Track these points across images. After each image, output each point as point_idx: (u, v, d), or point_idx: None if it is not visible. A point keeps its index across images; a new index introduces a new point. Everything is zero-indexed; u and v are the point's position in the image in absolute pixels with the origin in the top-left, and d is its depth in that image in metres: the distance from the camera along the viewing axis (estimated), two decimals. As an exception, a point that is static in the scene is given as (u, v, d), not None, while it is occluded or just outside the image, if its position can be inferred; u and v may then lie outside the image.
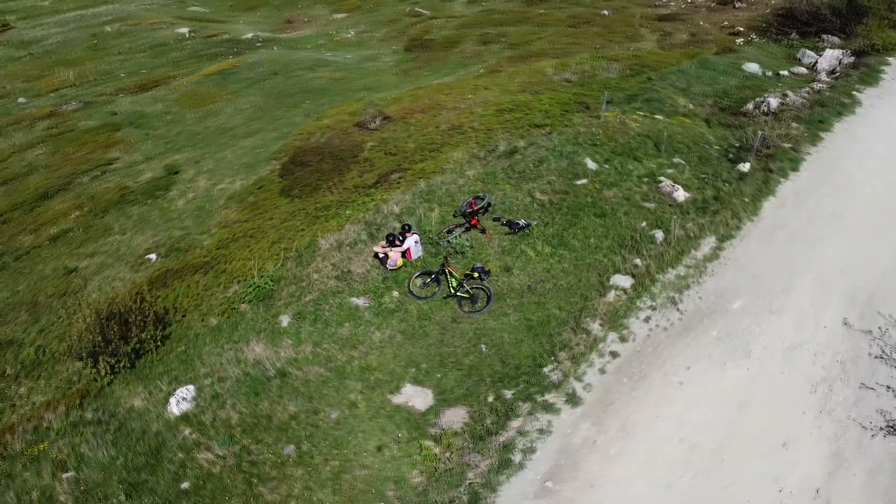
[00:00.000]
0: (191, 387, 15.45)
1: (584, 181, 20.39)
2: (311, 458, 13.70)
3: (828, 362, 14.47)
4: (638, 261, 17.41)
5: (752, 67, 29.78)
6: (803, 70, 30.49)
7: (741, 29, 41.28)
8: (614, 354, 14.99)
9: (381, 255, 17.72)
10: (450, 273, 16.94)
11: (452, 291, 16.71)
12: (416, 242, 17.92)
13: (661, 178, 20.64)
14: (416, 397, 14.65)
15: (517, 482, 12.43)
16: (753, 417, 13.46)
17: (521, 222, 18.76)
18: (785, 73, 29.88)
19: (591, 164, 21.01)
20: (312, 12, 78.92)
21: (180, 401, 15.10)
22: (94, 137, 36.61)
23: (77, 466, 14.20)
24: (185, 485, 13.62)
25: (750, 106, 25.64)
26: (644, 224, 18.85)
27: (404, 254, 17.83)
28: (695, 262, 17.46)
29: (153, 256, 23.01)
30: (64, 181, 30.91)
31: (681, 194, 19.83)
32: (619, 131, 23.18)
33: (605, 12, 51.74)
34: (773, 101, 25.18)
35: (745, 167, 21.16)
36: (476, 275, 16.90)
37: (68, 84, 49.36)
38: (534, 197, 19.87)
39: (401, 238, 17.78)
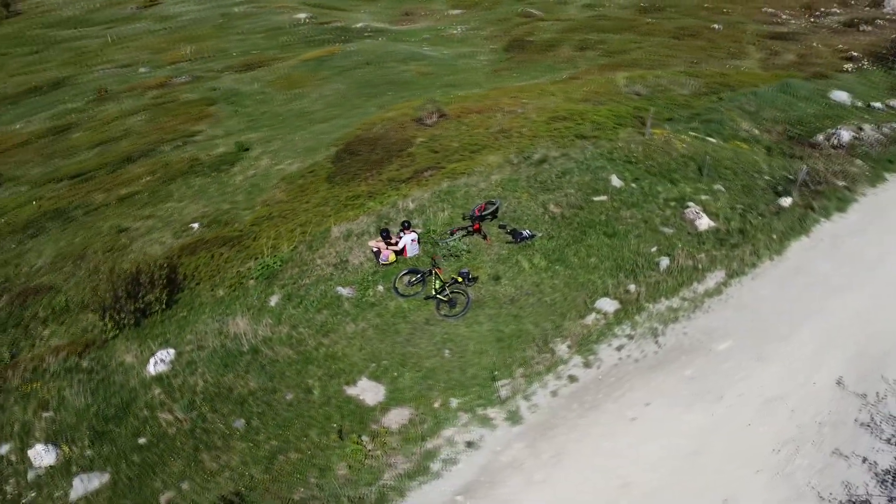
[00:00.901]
0: (172, 350, 16.39)
1: (602, 198, 19.70)
2: (256, 434, 14.18)
3: (805, 421, 13.31)
4: (633, 286, 16.67)
5: (840, 96, 27.47)
6: (903, 104, 27.82)
7: (856, 54, 38.13)
8: (573, 379, 14.47)
9: (374, 250, 17.97)
10: (436, 275, 16.93)
11: (434, 293, 16.70)
12: (412, 241, 18.03)
13: (690, 204, 19.58)
14: (368, 392, 14.81)
15: (428, 490, 12.34)
16: (702, 467, 12.63)
17: (525, 233, 18.42)
18: (878, 105, 27.35)
19: (616, 182, 20.25)
20: (432, 6, 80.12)
21: (158, 362, 16.06)
22: (189, 110, 39.17)
23: (56, 408, 15.46)
24: (142, 440, 14.50)
25: (820, 137, 23.72)
26: (654, 249, 17.99)
27: (401, 252, 17.98)
28: (693, 295, 16.49)
29: (196, 226, 24.44)
30: (149, 148, 33.32)
31: (704, 222, 18.74)
32: (662, 150, 22.16)
33: (716, 26, 49.25)
34: (846, 134, 23.18)
35: (785, 202, 19.67)
36: (461, 279, 16.81)
37: (186, 59, 52.99)
38: (547, 208, 19.43)
39: (400, 235, 17.95)
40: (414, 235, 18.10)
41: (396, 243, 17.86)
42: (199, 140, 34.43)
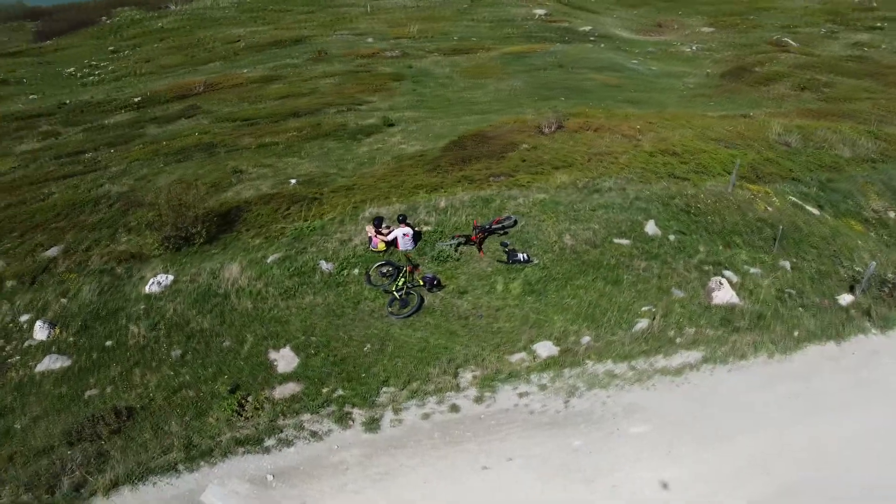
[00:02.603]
0: (170, 277, 18.59)
1: (624, 241, 18.03)
2: (182, 366, 15.69)
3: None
4: (587, 339, 15.28)
5: None
6: None
7: None
8: (454, 408, 13.85)
9: (369, 235, 18.49)
10: (407, 272, 17.04)
11: (394, 289, 16.84)
12: (404, 235, 18.23)
13: (726, 273, 17.18)
14: (284, 360, 15.56)
15: (248, 460, 12.84)
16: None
17: (521, 256, 17.65)
18: None
19: (650, 228, 18.37)
20: (687, 20, 76.23)
21: (154, 283, 18.35)
22: (375, 81, 42.22)
23: (71, 298, 18.45)
24: (108, 342, 16.82)
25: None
26: (645, 308, 16.20)
27: (392, 243, 18.30)
28: (646, 367, 14.66)
29: (293, 181, 26.73)
30: (317, 108, 36.72)
31: (722, 296, 16.37)
32: (737, 209, 19.53)
33: None
34: None
35: (845, 299, 16.38)
36: (422, 283, 16.74)
37: (409, 36, 56.70)
38: (561, 238, 18.31)
39: (388, 227, 18.28)
40: (407, 230, 18.25)
41: (387, 234, 18.18)
42: (362, 109, 37.07)
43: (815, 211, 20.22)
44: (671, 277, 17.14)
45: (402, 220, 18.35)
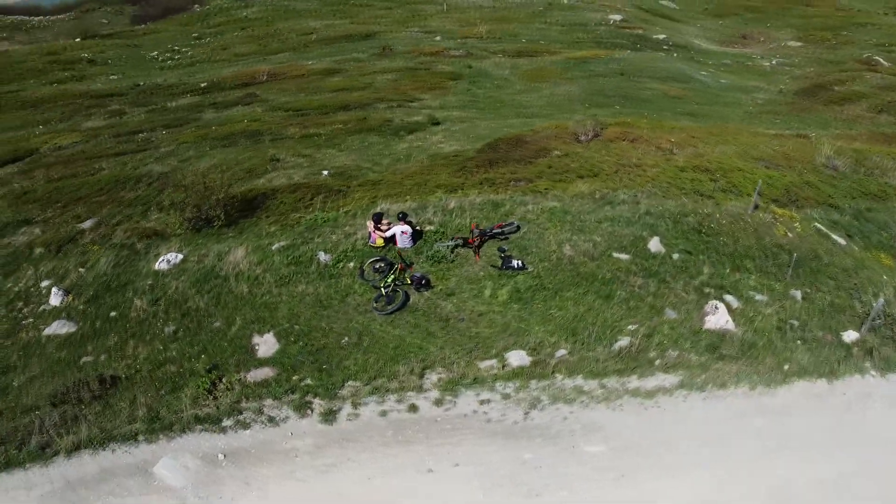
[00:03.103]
0: (179, 256, 19.35)
1: (624, 256, 17.54)
2: (173, 342, 16.33)
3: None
4: (563, 352, 14.99)
5: None
6: None
7: None
8: (413, 408, 13.86)
9: (369, 230, 18.69)
10: (398, 270, 17.17)
11: (383, 286, 16.98)
12: (402, 233, 18.32)
13: (727, 298, 16.48)
14: (265, 345, 15.95)
15: (204, 438, 13.26)
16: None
17: (516, 263, 17.45)
18: None
19: (654, 245, 17.79)
20: (775, 33, 73.22)
21: (164, 261, 19.15)
22: (431, 79, 42.48)
23: (89, 268, 19.47)
24: (112, 313, 17.70)
25: None
26: (632, 327, 15.73)
27: (391, 239, 18.44)
28: (618, 387, 14.25)
29: (325, 173, 27.28)
30: (368, 102, 37.28)
31: (716, 321, 15.71)
32: (754, 232, 18.67)
33: None
34: None
35: (849, 336, 15.41)
36: (409, 281, 16.83)
37: (477, 35, 56.69)
38: (560, 248, 17.99)
39: (390, 223, 18.43)
40: (406, 228, 18.34)
41: (385, 230, 18.33)
42: (413, 106, 37.38)
43: (842, 240, 19.05)
44: (667, 297, 16.56)
45: (402, 217, 18.46)
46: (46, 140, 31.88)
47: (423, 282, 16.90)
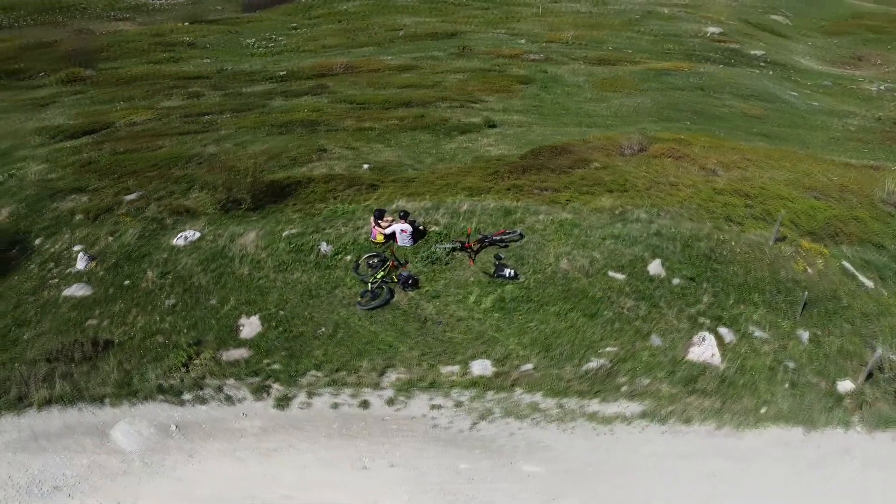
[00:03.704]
0: (197, 234, 20.26)
1: (619, 276, 16.94)
2: (169, 315, 17.21)
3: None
4: (529, 366, 14.70)
5: None
6: None
7: None
8: (364, 404, 14.01)
9: (372, 225, 18.92)
10: (389, 267, 17.34)
11: (371, 281, 17.17)
12: (401, 231, 18.43)
13: (722, 330, 15.65)
14: (249, 327, 16.49)
15: (162, 408, 13.92)
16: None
17: (507, 272, 17.22)
18: None
19: (654, 268, 17.08)
20: (893, 56, 68.08)
21: (181, 238, 20.10)
22: (500, 81, 42.31)
23: (117, 238, 20.70)
24: (126, 282, 18.82)
25: None
26: (610, 349, 15.22)
27: (391, 236, 18.61)
28: (575, 408, 13.83)
29: (366, 166, 27.79)
30: (430, 101, 37.56)
31: (700, 353, 14.95)
32: (768, 263, 17.58)
33: None
34: None
35: (844, 386, 14.28)
36: (395, 279, 16.95)
37: (562, 41, 55.90)
38: (557, 261, 17.60)
39: (390, 220, 18.59)
40: (406, 227, 18.44)
41: (385, 227, 18.50)
42: (474, 108, 37.38)
43: (869, 283, 17.58)
44: (656, 322, 15.88)
45: (404, 216, 18.57)
46: (123, 115, 34.03)
47: (410, 281, 16.96)
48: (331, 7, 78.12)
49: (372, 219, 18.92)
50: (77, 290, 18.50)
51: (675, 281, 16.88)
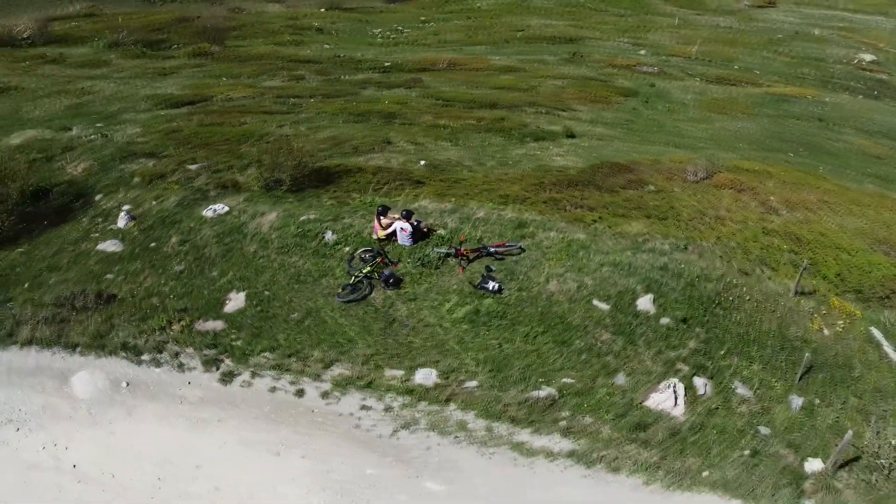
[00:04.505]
0: (225, 208, 21.30)
1: (603, 306, 16.01)
2: (174, 280, 18.32)
3: None
4: (473, 384, 14.31)
5: None
6: None
7: None
8: (300, 393, 14.24)
9: (375, 221, 19.07)
10: (378, 263, 17.47)
11: (355, 274, 17.35)
12: (401, 230, 18.43)
13: (698, 381, 14.48)
14: (235, 302, 17.20)
15: (121, 365, 14.85)
16: None
17: (492, 285, 16.81)
18: None
19: (644, 304, 15.98)
20: None
21: (211, 210, 21.22)
22: (600, 92, 41.03)
23: (160, 203, 22.18)
24: (152, 244, 20.19)
25: None
26: (567, 380, 14.49)
27: (392, 234, 18.67)
28: (504, 434, 13.30)
29: (423, 163, 27.96)
30: (519, 104, 37.08)
31: (658, 402, 13.88)
32: (779, 317, 15.96)
33: None
34: None
35: (812, 465, 12.72)
36: (376, 276, 17.05)
37: (687, 55, 53.18)
38: (547, 282, 16.93)
39: (393, 218, 18.66)
40: (406, 226, 18.40)
41: (387, 226, 18.57)
42: (561, 115, 36.49)
43: (895, 355, 15.45)
44: (628, 361, 14.91)
45: (406, 215, 18.56)
46: (224, 91, 36.32)
47: (392, 280, 16.96)
48: (464, 3, 78.91)
49: (375, 214, 19.06)
50: (110, 246, 20.02)
51: (664, 320, 15.72)
